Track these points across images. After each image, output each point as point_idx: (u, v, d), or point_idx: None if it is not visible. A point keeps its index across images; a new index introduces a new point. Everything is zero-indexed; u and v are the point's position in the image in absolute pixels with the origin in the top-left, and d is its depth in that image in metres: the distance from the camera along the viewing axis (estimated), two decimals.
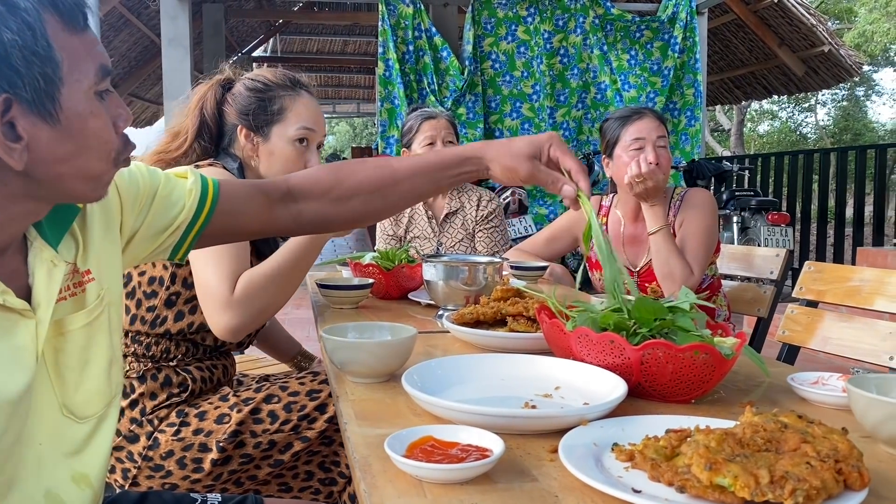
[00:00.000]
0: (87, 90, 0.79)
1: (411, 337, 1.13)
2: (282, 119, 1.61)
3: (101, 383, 0.92)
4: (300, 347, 2.10)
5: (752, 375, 1.17)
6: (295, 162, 1.61)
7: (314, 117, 1.65)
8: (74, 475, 0.88)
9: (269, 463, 1.49)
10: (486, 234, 2.57)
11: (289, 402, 1.51)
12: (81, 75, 0.79)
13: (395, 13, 6.07)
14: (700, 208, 2.18)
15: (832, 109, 21.74)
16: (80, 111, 0.79)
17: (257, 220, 1.10)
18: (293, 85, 1.65)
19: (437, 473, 0.72)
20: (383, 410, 0.97)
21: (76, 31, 0.79)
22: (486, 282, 1.54)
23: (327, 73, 16.98)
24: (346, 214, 1.14)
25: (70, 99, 0.78)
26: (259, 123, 1.61)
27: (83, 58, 0.79)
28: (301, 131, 1.61)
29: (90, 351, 0.91)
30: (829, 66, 8.61)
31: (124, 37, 9.00)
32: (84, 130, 0.80)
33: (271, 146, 1.61)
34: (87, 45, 0.80)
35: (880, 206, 5.81)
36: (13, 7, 0.74)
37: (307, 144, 1.63)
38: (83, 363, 0.90)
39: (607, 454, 0.78)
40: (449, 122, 2.54)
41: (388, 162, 1.14)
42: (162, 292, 1.49)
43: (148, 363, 1.50)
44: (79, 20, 0.79)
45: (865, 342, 1.77)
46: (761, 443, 0.72)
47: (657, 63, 6.38)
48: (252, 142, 1.62)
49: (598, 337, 1.02)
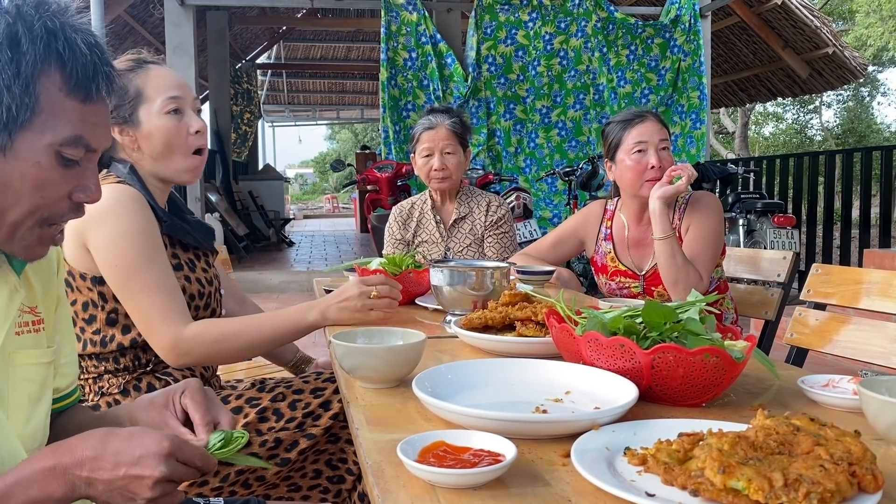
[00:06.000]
0: (48, 144, 0.82)
1: (421, 342, 1.13)
2: (142, 100, 1.52)
3: (41, 426, 0.95)
4: (298, 351, 2.09)
5: (762, 378, 1.17)
6: (176, 133, 1.53)
7: (174, 84, 1.55)
8: None
9: (276, 462, 1.50)
10: (496, 240, 2.57)
11: (294, 400, 1.53)
12: (53, 132, 0.82)
13: (397, 19, 6.09)
14: (706, 212, 2.17)
15: (837, 111, 21.71)
16: (27, 157, 0.82)
17: None
18: (139, 63, 1.56)
19: (450, 478, 0.73)
20: (394, 416, 0.97)
21: (77, 98, 0.83)
22: (494, 286, 1.54)
23: (331, 79, 17.04)
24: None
25: (25, 141, 0.81)
26: (125, 114, 1.53)
27: (65, 120, 0.83)
28: (167, 102, 1.52)
29: (44, 391, 0.95)
30: (833, 68, 8.61)
31: (129, 44, 9.04)
32: (21, 174, 0.82)
33: (145, 129, 1.52)
34: (78, 113, 0.84)
35: (887, 208, 5.78)
36: (15, 44, 0.79)
37: (180, 112, 1.54)
38: (37, 401, 0.93)
39: (619, 458, 0.78)
40: (450, 130, 2.52)
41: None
42: (99, 314, 1.48)
43: (126, 375, 1.49)
44: (90, 91, 0.84)
45: (874, 344, 1.76)
46: (774, 446, 0.71)
47: (655, 60, 6.40)
48: (128, 135, 1.54)
49: (608, 341, 1.02)
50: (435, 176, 2.53)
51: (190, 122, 1.55)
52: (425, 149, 2.52)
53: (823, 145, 20.28)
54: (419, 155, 2.55)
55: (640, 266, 2.26)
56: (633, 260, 2.27)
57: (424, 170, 2.55)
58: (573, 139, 6.50)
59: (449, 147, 2.51)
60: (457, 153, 2.53)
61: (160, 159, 1.54)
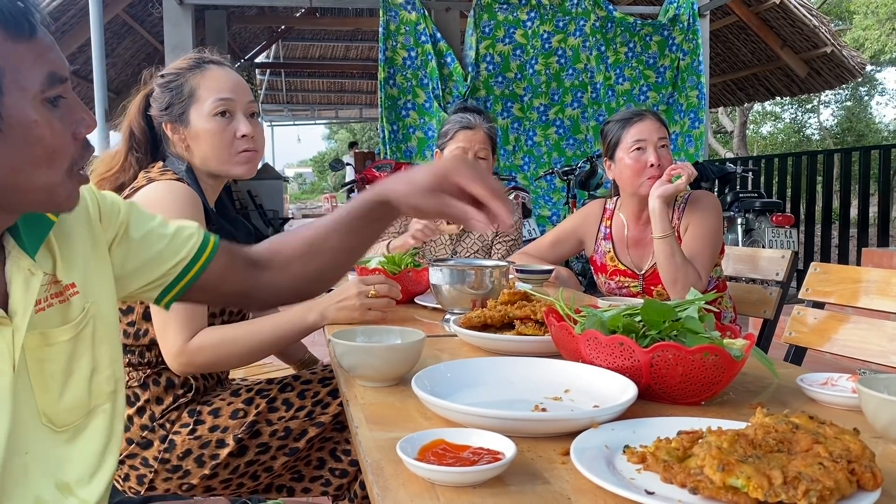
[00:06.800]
0: (32, 98, 0.78)
1: (420, 341, 1.13)
2: (195, 100, 1.54)
3: (81, 394, 0.93)
4: (307, 351, 2.11)
5: (761, 377, 1.17)
6: (221, 136, 1.54)
7: (228, 86, 1.56)
8: (58, 483, 0.89)
9: (285, 452, 1.52)
10: (504, 247, 2.55)
11: (302, 390, 1.55)
12: (26, 83, 0.77)
13: (396, 19, 6.09)
14: (705, 211, 2.17)
15: (835, 110, 21.74)
16: (22, 120, 0.77)
17: (237, 287, 1.12)
18: (199, 63, 1.58)
19: (450, 476, 0.73)
20: (393, 414, 0.97)
21: (20, 38, 0.77)
22: (493, 285, 1.54)
23: (330, 78, 17.03)
24: (291, 281, 1.16)
25: (11, 107, 0.76)
26: (177, 113, 1.55)
27: (28, 65, 0.78)
28: (216, 104, 1.53)
29: (73, 363, 0.92)
30: (831, 67, 8.61)
31: (128, 44, 9.03)
32: (28, 139, 0.78)
33: (194, 130, 1.54)
34: (34, 51, 0.78)
35: (885, 207, 5.79)
36: None
37: (229, 116, 1.55)
38: (67, 374, 0.91)
39: (619, 456, 0.78)
40: (487, 134, 2.48)
41: (318, 221, 1.16)
42: (137, 306, 1.49)
43: (147, 370, 1.50)
44: (24, 27, 0.77)
45: (873, 343, 1.76)
46: (773, 444, 0.72)
47: (654, 57, 6.41)
48: (179, 134, 1.56)
49: (607, 339, 1.02)
50: None
51: (238, 126, 1.55)
52: (460, 147, 2.45)
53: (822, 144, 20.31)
54: (451, 152, 2.47)
55: (639, 265, 2.26)
56: (633, 259, 2.27)
57: None
58: (571, 137, 6.50)
59: (483, 151, 2.46)
60: (488, 158, 2.49)
61: (207, 160, 1.55)
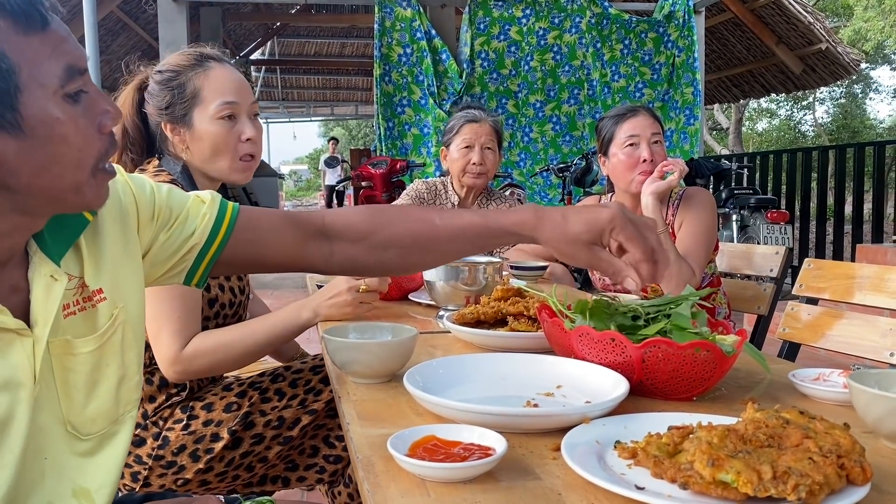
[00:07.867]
0: (52, 94, 0.74)
1: (412, 337, 1.13)
2: (199, 101, 1.49)
3: (108, 403, 0.90)
4: (300, 348, 2.10)
5: (753, 372, 1.17)
6: (225, 140, 1.50)
7: (232, 88, 1.51)
8: (75, 489, 0.87)
9: (279, 441, 1.52)
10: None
11: (294, 379, 1.56)
12: (44, 79, 0.73)
13: (391, 15, 6.08)
14: (700, 208, 2.17)
15: (830, 107, 21.78)
16: (45, 119, 0.73)
17: (285, 251, 1.05)
18: (201, 61, 1.52)
19: (441, 472, 0.72)
20: (385, 410, 0.97)
21: (33, 31, 0.73)
22: (487, 282, 1.54)
23: (325, 75, 17.01)
24: (380, 264, 1.09)
25: (32, 106, 0.72)
26: (179, 114, 1.50)
27: (45, 59, 0.73)
28: (222, 107, 1.49)
29: (100, 372, 0.89)
30: (826, 64, 8.62)
31: (122, 40, 9.02)
32: (53, 139, 0.74)
33: (197, 132, 1.50)
34: (49, 44, 0.74)
35: (879, 204, 5.80)
36: None
37: (234, 118, 1.51)
38: (92, 384, 0.88)
39: (610, 452, 0.78)
40: (493, 127, 2.49)
41: (431, 217, 1.06)
42: None
43: (153, 367, 1.49)
44: (35, 19, 0.73)
45: (866, 339, 1.77)
46: (763, 439, 0.72)
47: (649, 54, 6.41)
48: (180, 135, 1.52)
49: (599, 335, 1.02)
50: (472, 170, 2.48)
51: (242, 129, 1.52)
52: (465, 141, 2.47)
53: (816, 141, 20.35)
54: (457, 147, 2.48)
55: None
56: None
57: (461, 163, 2.48)
58: (567, 134, 6.50)
59: (489, 143, 2.48)
60: (495, 151, 2.51)
61: (207, 162, 1.53)
